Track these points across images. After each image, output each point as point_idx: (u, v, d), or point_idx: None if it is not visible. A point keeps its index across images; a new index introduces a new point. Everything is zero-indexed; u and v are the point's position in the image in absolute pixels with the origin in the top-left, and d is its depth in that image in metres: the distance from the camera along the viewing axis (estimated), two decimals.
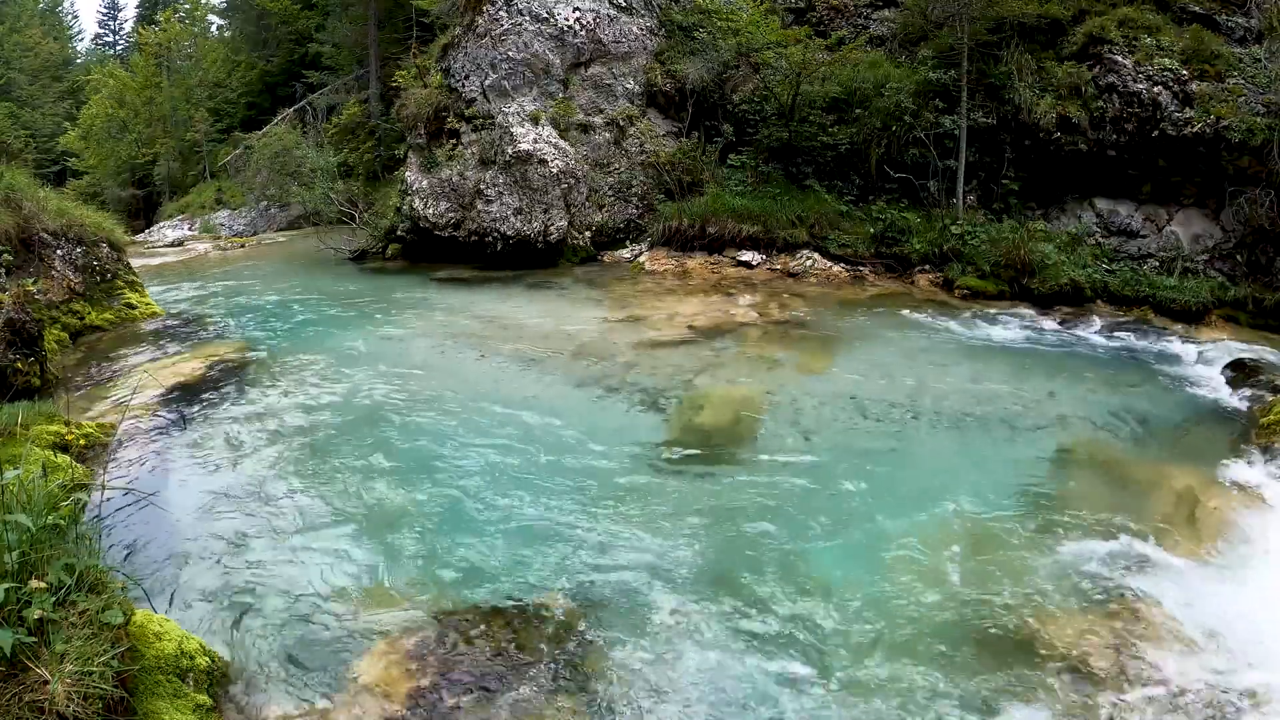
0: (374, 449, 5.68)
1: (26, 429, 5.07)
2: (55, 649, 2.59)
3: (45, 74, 41.53)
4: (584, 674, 3.60)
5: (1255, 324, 9.54)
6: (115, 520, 4.53)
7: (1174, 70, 10.61)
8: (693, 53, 13.92)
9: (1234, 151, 10.10)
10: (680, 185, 13.37)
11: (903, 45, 13.27)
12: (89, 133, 32.37)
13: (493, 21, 13.26)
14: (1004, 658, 3.76)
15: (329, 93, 23.38)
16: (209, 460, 5.45)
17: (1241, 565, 4.50)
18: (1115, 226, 11.20)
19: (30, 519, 2.78)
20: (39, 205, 8.41)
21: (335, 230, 15.65)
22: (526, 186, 12.60)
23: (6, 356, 6.13)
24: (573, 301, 10.50)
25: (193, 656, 3.28)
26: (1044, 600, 4.17)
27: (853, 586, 4.26)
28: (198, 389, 6.72)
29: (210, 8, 39.13)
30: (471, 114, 13.17)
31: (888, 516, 4.95)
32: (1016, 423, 6.44)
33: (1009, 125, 11.73)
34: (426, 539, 4.58)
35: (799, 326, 9.17)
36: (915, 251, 11.42)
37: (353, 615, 3.91)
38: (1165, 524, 4.90)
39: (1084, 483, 5.48)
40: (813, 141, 12.78)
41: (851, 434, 6.22)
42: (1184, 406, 6.93)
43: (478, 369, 7.65)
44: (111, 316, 8.65)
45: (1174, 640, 3.89)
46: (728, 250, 12.13)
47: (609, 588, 4.20)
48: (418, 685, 3.47)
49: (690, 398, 6.88)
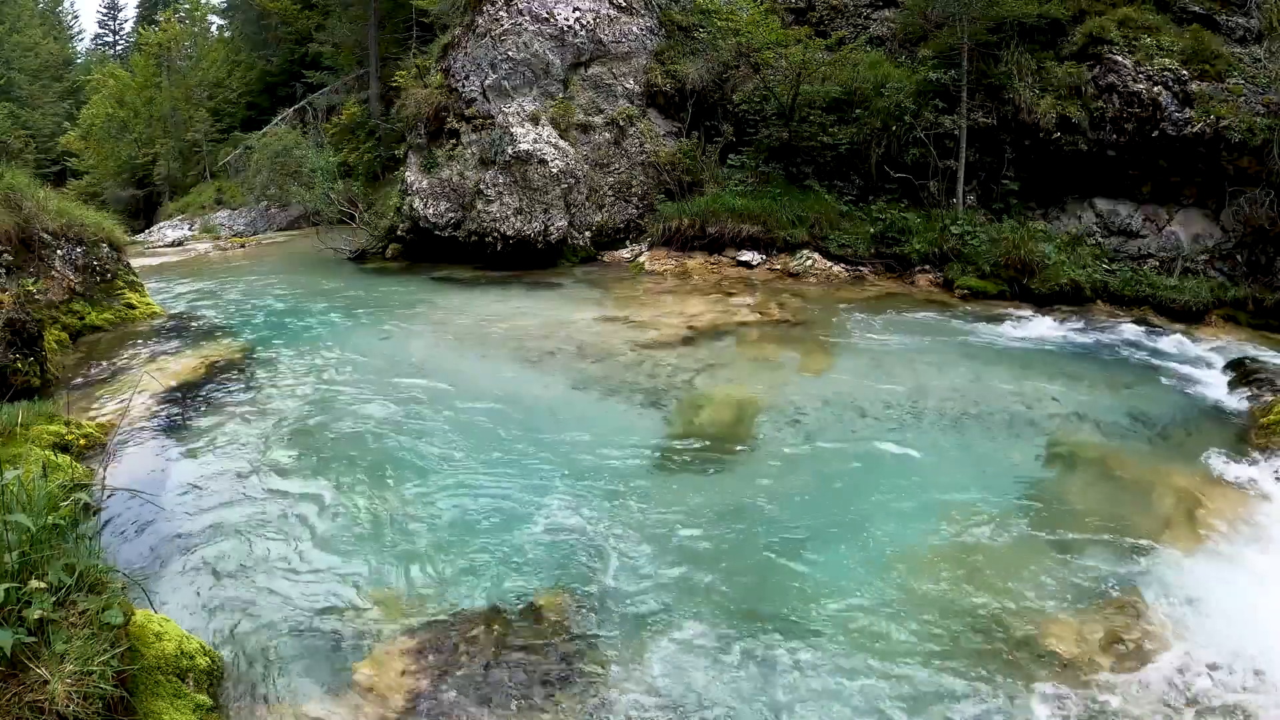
0: (374, 449, 5.68)
1: (26, 429, 5.08)
2: (55, 649, 2.59)
3: (45, 74, 41.55)
4: (584, 675, 3.60)
5: (1255, 324, 9.55)
6: (115, 520, 4.54)
7: (1174, 70, 10.62)
8: (693, 53, 13.94)
9: (1234, 151, 10.12)
10: (680, 185, 13.38)
11: (903, 45, 13.28)
12: (89, 133, 32.35)
13: (493, 21, 13.26)
14: (1003, 656, 3.76)
15: (329, 93, 23.36)
16: (209, 460, 5.44)
17: (1242, 565, 4.50)
18: (1115, 226, 11.21)
19: (30, 519, 2.78)
20: (39, 205, 8.41)
21: (335, 230, 15.64)
22: (526, 186, 12.61)
23: (6, 356, 6.13)
24: (573, 301, 10.50)
25: (193, 656, 3.28)
26: (1044, 599, 4.17)
27: (853, 586, 4.26)
28: (198, 389, 6.72)
29: (210, 8, 39.17)
30: (471, 114, 13.18)
31: (887, 516, 4.95)
32: (1016, 423, 6.44)
33: (1009, 125, 11.74)
34: (426, 540, 4.59)
35: (799, 326, 9.17)
36: (915, 251, 11.43)
37: (353, 616, 3.91)
38: (1165, 524, 4.91)
39: (1084, 483, 5.48)
40: (813, 141, 12.79)
41: (851, 434, 6.22)
42: (1184, 406, 6.93)
43: (477, 369, 7.65)
44: (111, 316, 8.65)
45: (1174, 640, 3.89)
46: (728, 250, 12.14)
47: (609, 588, 4.20)
48: (418, 686, 3.47)
49: (690, 398, 6.88)
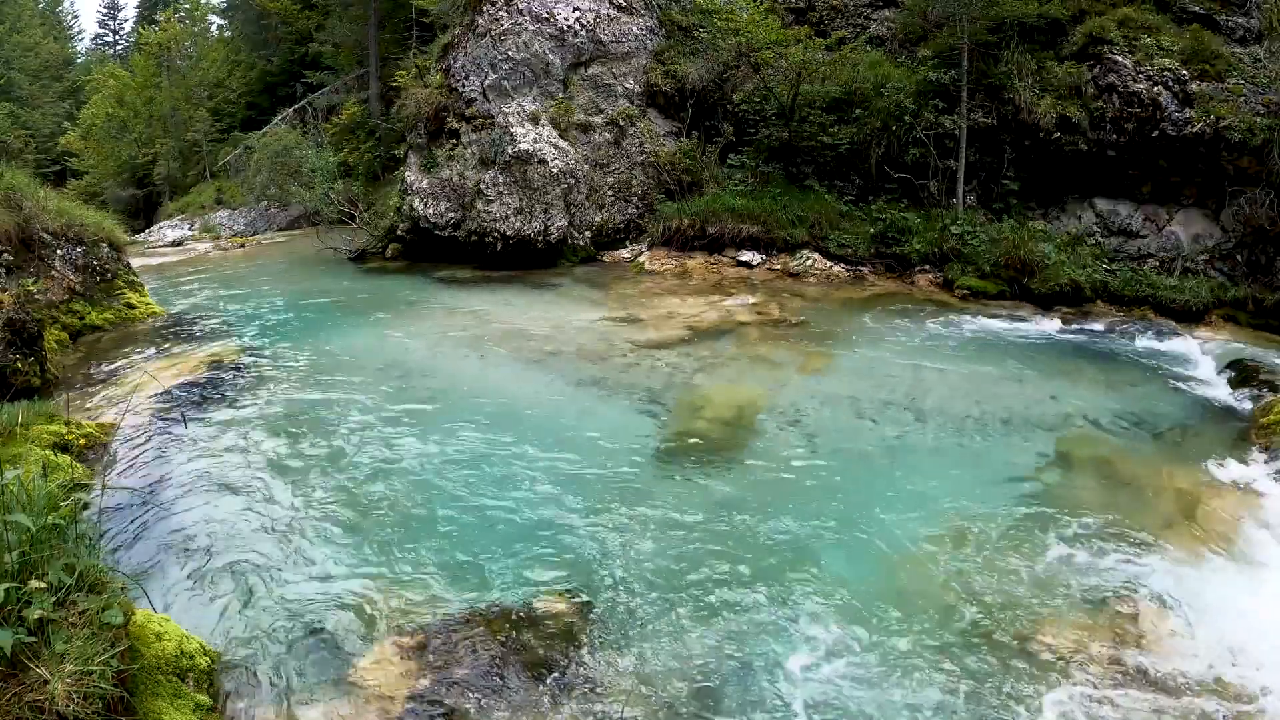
0: (373, 449, 5.68)
1: (26, 429, 5.08)
2: (55, 649, 2.58)
3: (45, 74, 41.55)
4: (585, 675, 3.60)
5: (1255, 324, 9.55)
6: (115, 520, 4.54)
7: (1174, 70, 10.62)
8: (693, 53, 13.94)
9: (1234, 151, 10.11)
10: (680, 185, 13.38)
11: (903, 45, 13.28)
12: (89, 133, 32.36)
13: (493, 21, 13.26)
14: (1003, 657, 3.76)
15: (329, 93, 23.36)
16: (209, 460, 5.44)
17: (1242, 565, 4.50)
18: (1115, 226, 11.21)
19: (30, 519, 2.78)
20: (39, 205, 8.41)
21: (335, 230, 15.64)
22: (526, 186, 12.61)
23: (6, 356, 6.13)
24: (573, 301, 10.50)
25: (193, 656, 3.28)
26: (1043, 600, 4.17)
27: (853, 586, 4.26)
28: (198, 388, 6.72)
29: (210, 8, 39.17)
30: (471, 114, 13.17)
31: (887, 516, 4.95)
32: (1016, 422, 6.44)
33: (1009, 125, 11.74)
34: (427, 540, 4.58)
35: (799, 326, 9.17)
36: (915, 251, 11.43)
37: (353, 616, 3.91)
38: (1165, 524, 4.91)
39: (1084, 483, 5.48)
40: (813, 141, 12.79)
41: (851, 434, 6.22)
42: (1184, 406, 6.93)
43: (477, 369, 7.65)
44: (111, 316, 8.65)
45: (1174, 640, 3.90)
46: (728, 250, 12.14)
47: (610, 588, 4.20)
48: (418, 687, 3.47)
49: (690, 398, 6.88)
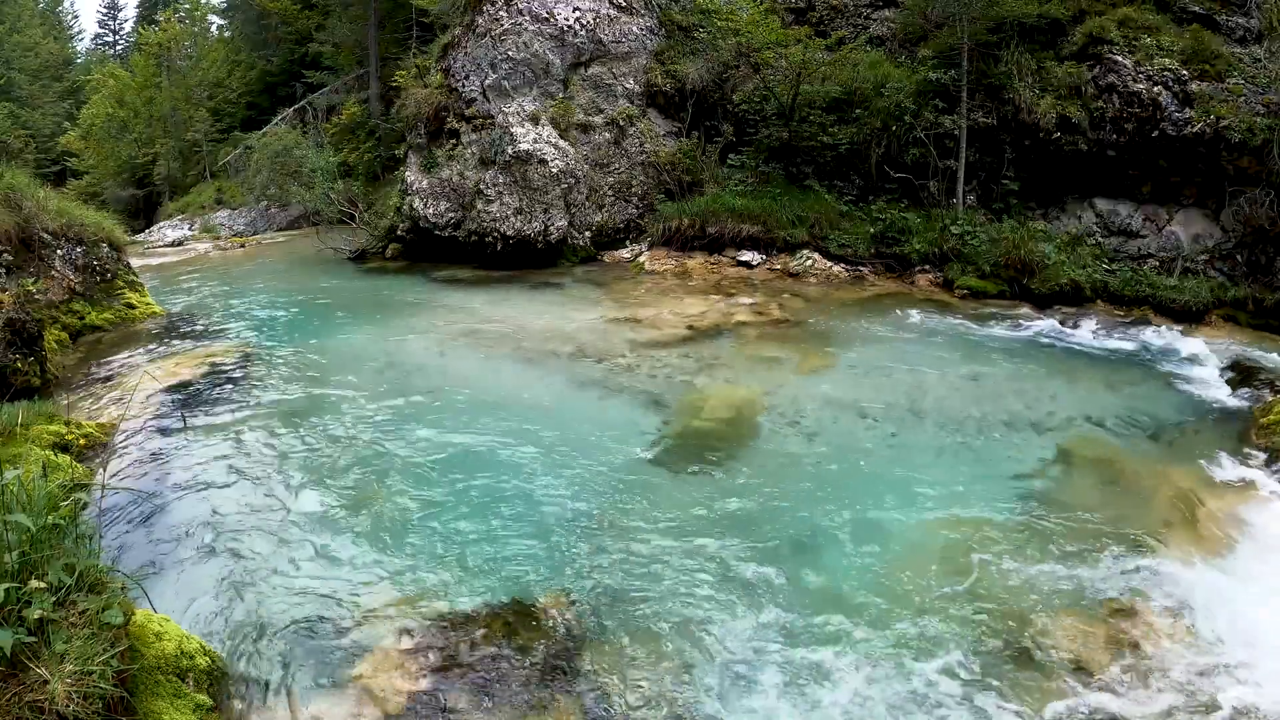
0: (373, 450, 5.68)
1: (26, 429, 5.08)
2: (55, 649, 2.59)
3: (45, 74, 41.53)
4: (584, 675, 3.60)
5: (1255, 324, 9.54)
6: (115, 520, 4.54)
7: (1174, 70, 10.61)
8: (693, 53, 13.94)
9: (1234, 151, 10.11)
10: (680, 185, 13.38)
11: (903, 45, 13.27)
12: (89, 133, 32.35)
13: (493, 21, 13.26)
14: (1003, 657, 3.76)
15: (329, 93, 23.36)
16: (209, 460, 5.44)
17: (1242, 565, 4.50)
18: (1115, 226, 11.20)
19: (30, 519, 2.78)
20: (39, 205, 8.41)
21: (335, 230, 15.64)
22: (526, 186, 12.61)
23: (6, 356, 6.13)
24: (573, 301, 10.50)
25: (193, 656, 3.28)
26: (1043, 599, 4.17)
27: (853, 586, 4.26)
28: (198, 388, 6.72)
29: (210, 8, 39.16)
30: (471, 114, 13.17)
31: (887, 516, 4.95)
32: (1016, 423, 6.44)
33: (1009, 125, 11.73)
34: (426, 540, 4.59)
35: (799, 326, 9.17)
36: (915, 251, 11.43)
37: (353, 616, 3.91)
38: (1165, 524, 4.91)
39: (1084, 483, 5.48)
40: (813, 141, 12.79)
41: (851, 434, 6.22)
42: (1184, 406, 6.93)
43: (477, 369, 7.65)
44: (111, 316, 8.65)
45: (1174, 640, 3.90)
46: (728, 250, 12.13)
47: (609, 588, 4.20)
48: (418, 687, 3.47)
49: (690, 398, 6.88)
